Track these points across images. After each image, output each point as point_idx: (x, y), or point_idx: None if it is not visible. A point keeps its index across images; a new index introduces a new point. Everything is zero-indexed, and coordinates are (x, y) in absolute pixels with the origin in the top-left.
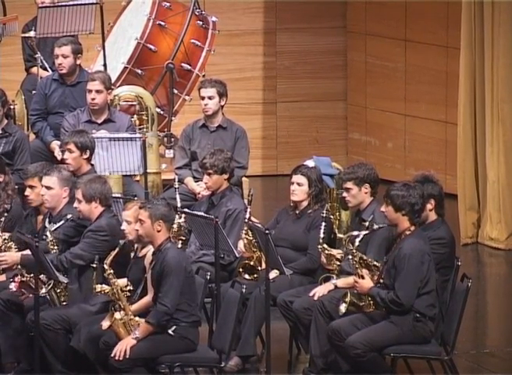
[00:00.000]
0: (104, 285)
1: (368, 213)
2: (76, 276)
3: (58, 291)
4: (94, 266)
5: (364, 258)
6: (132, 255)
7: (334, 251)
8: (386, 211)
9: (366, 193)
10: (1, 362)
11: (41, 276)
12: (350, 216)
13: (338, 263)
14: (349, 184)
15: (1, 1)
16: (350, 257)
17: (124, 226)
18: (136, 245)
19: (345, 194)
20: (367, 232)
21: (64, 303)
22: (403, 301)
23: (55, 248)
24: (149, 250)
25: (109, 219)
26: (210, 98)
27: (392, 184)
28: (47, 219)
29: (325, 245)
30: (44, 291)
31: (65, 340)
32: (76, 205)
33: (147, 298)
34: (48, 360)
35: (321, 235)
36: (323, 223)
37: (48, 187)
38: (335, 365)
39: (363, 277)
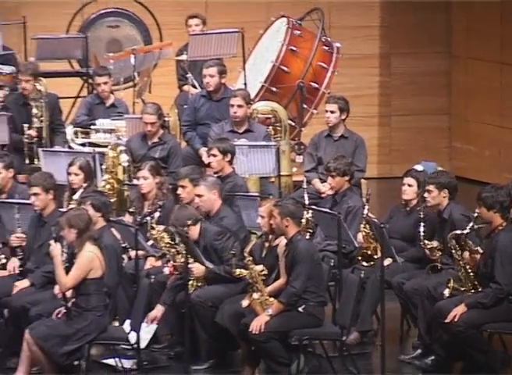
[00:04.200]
0: (243, 270)
1: (447, 213)
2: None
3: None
4: (233, 252)
5: (469, 243)
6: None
7: (434, 244)
8: (480, 212)
9: (444, 197)
10: (157, 334)
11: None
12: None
13: (439, 253)
14: (431, 187)
15: (158, 29)
16: (454, 251)
17: (259, 219)
18: (270, 236)
19: (426, 195)
20: (468, 231)
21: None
22: (504, 286)
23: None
24: (281, 240)
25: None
26: (332, 112)
27: (482, 188)
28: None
29: (425, 241)
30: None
31: (213, 315)
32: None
33: (280, 282)
34: (197, 333)
35: (422, 233)
36: (421, 223)
37: (199, 195)
38: (440, 340)
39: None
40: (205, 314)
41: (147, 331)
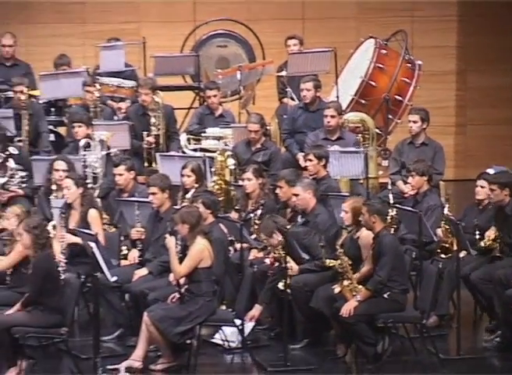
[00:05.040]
0: (332, 260)
1: (509, 208)
2: None
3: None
4: (322, 244)
5: None
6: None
7: (491, 236)
8: None
9: (506, 195)
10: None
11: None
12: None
13: (497, 244)
14: (494, 186)
15: (261, 48)
16: None
17: (342, 214)
18: (353, 229)
19: (489, 192)
20: None
21: None
22: None
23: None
24: (362, 232)
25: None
26: (414, 122)
27: None
28: (299, 216)
29: (481, 244)
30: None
31: (309, 299)
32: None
33: (365, 269)
34: (294, 315)
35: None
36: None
37: (296, 195)
38: (507, 322)
39: None
40: (302, 298)
41: (246, 328)
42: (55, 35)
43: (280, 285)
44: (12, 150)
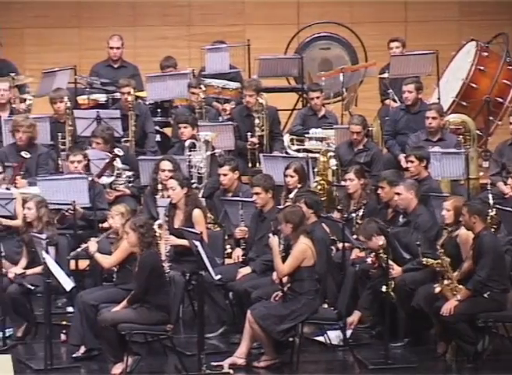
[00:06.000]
0: (429, 259)
1: None
2: None
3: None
4: (418, 243)
5: None
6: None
7: None
8: None
9: None
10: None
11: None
12: None
13: None
14: None
15: (363, 51)
16: None
17: (444, 212)
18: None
19: None
20: None
21: None
22: None
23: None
24: (460, 231)
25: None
26: None
27: None
28: (401, 216)
29: None
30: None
31: (411, 297)
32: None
33: (467, 268)
34: (395, 314)
35: None
36: None
37: (398, 193)
38: None
39: None
40: (405, 296)
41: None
42: (162, 37)
43: (383, 288)
44: (118, 151)
